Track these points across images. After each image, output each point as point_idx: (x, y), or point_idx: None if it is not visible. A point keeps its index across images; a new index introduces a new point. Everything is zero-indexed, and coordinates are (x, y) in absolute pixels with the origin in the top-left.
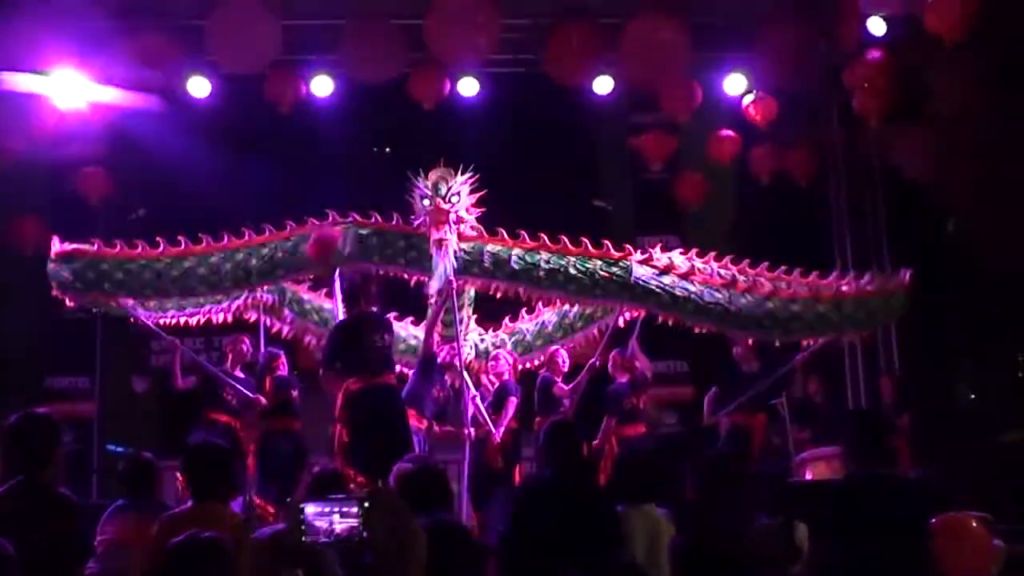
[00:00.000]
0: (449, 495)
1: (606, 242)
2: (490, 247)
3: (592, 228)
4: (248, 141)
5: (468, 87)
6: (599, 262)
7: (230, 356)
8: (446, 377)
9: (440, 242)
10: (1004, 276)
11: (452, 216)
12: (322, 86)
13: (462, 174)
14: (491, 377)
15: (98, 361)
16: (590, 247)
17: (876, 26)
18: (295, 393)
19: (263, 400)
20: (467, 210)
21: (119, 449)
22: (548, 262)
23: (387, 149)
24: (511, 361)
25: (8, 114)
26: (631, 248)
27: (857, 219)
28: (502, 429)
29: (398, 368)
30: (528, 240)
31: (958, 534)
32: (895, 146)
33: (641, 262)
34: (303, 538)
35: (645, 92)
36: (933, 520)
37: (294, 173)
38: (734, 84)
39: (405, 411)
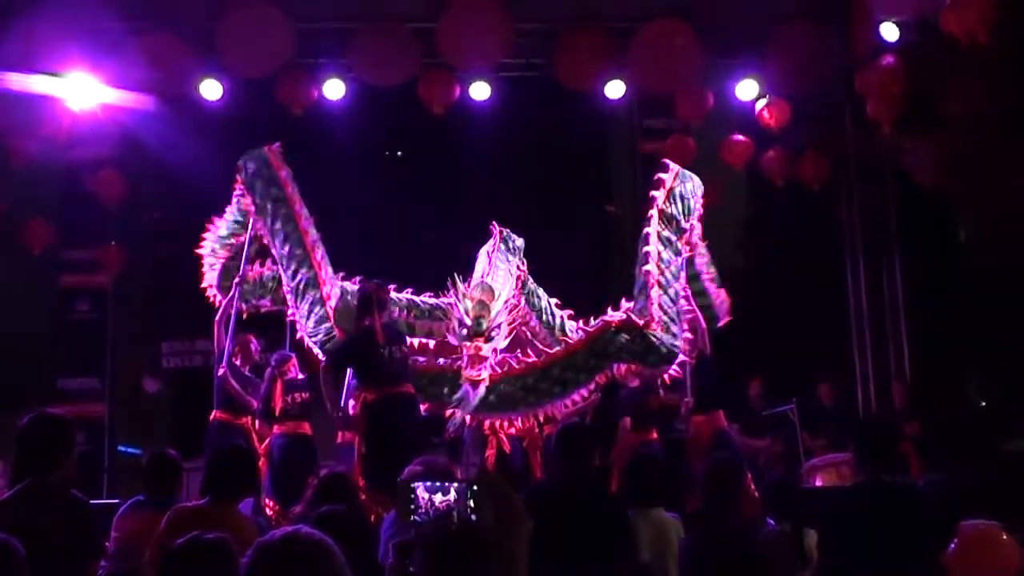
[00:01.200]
0: None
1: (581, 326)
2: (502, 386)
3: (602, 233)
4: (260, 144)
5: (479, 91)
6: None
7: (239, 356)
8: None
9: (477, 383)
10: (1015, 281)
11: (490, 357)
12: (334, 89)
13: (501, 293)
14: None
15: (108, 362)
16: (569, 343)
17: (889, 31)
18: (306, 396)
19: (254, 404)
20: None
21: (131, 450)
22: (559, 372)
23: (398, 152)
24: None
25: (22, 116)
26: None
27: (869, 224)
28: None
29: None
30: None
31: (984, 542)
32: (907, 151)
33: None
34: (412, 517)
35: (656, 97)
36: (951, 528)
37: (305, 176)
38: (746, 89)
39: (421, 419)
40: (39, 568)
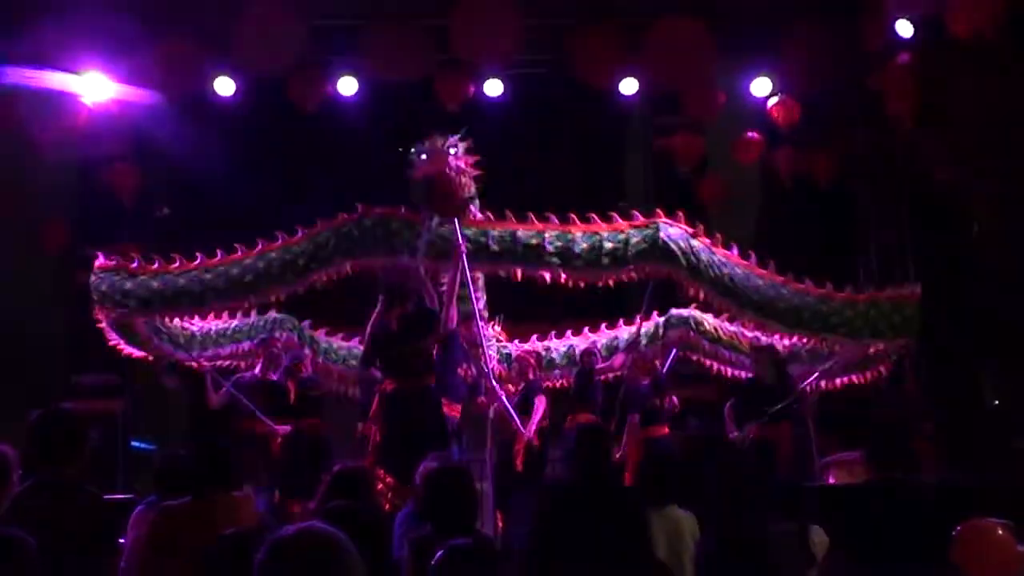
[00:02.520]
0: (474, 496)
1: (636, 212)
2: (521, 232)
3: None
4: (272, 141)
5: (493, 88)
6: (631, 230)
7: (263, 360)
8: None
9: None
10: None
11: (452, 160)
12: (346, 86)
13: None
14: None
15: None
16: (619, 219)
17: (903, 28)
18: (319, 393)
19: (280, 431)
20: (466, 162)
21: (143, 445)
22: (583, 240)
23: (411, 149)
24: (533, 362)
25: (37, 112)
26: (661, 212)
27: (882, 222)
28: (533, 428)
29: None
30: (558, 222)
31: (982, 541)
32: (921, 149)
33: (670, 224)
34: None
35: (670, 93)
36: (956, 527)
37: (318, 173)
38: (760, 86)
39: (441, 413)
40: (52, 563)
